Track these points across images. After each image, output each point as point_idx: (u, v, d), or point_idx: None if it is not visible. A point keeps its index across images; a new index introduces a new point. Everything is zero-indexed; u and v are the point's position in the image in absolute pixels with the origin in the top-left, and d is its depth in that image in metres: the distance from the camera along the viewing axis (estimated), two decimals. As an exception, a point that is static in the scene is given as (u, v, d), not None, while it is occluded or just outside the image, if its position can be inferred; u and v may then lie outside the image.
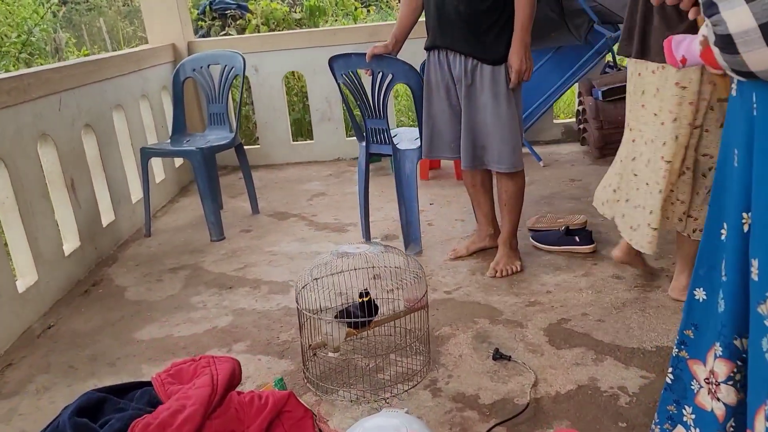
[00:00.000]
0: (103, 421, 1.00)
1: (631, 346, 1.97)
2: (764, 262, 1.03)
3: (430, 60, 2.54)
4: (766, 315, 1.03)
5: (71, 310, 2.62)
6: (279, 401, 1.05)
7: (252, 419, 1.02)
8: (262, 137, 4.76)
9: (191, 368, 1.14)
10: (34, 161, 2.68)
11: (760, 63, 0.91)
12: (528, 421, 1.67)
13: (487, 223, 2.79)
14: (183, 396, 1.01)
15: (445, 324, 2.21)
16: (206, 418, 0.99)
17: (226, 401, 1.04)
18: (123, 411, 1.03)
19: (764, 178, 1.01)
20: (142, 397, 1.09)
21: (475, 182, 2.73)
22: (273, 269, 2.84)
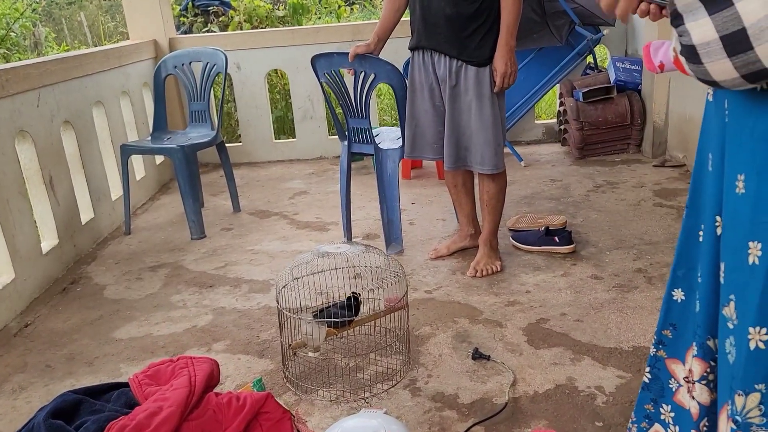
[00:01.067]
0: (78, 423, 0.99)
1: (608, 346, 2.00)
2: (729, 266, 1.06)
3: (415, 60, 2.53)
4: (728, 317, 1.06)
5: (49, 308, 2.59)
6: (257, 402, 1.05)
7: (230, 421, 1.01)
8: (244, 135, 4.74)
9: (169, 369, 1.14)
10: (12, 158, 2.64)
11: (722, 73, 0.94)
12: (506, 421, 1.69)
13: (468, 223, 2.81)
14: (160, 397, 1.01)
15: (426, 323, 2.22)
16: (184, 419, 0.99)
17: (204, 402, 1.04)
18: (99, 413, 1.02)
19: (732, 183, 1.04)
20: (119, 399, 1.08)
21: (456, 182, 2.75)
22: (254, 268, 2.83)
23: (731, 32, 0.90)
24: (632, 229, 2.93)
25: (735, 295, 1.05)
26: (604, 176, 3.74)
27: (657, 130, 3.98)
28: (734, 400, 1.03)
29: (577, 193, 3.51)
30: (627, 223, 3.01)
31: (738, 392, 1.02)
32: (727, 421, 1.07)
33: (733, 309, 1.06)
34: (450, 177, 2.76)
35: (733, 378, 1.05)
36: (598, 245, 2.78)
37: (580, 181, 3.70)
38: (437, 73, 2.48)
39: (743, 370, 1.00)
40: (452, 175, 2.73)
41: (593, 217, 3.12)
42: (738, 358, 1.04)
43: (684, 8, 0.95)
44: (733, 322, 1.06)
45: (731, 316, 1.06)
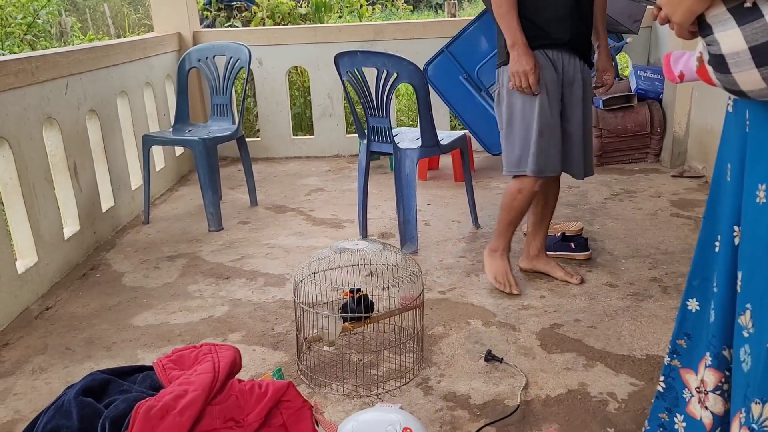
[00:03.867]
0: (107, 401, 1.02)
1: (621, 354, 2.01)
2: (747, 275, 1.07)
3: (542, 60, 2.22)
4: (743, 326, 1.07)
5: (69, 293, 2.64)
6: (278, 390, 1.07)
7: (252, 407, 1.04)
8: (263, 130, 4.78)
9: (192, 354, 1.16)
10: (39, 144, 2.69)
11: (750, 83, 0.95)
12: (517, 423, 1.70)
13: None
14: (185, 381, 1.03)
15: (439, 324, 2.24)
16: (207, 403, 1.02)
17: (227, 388, 1.06)
18: (127, 392, 1.05)
19: (752, 193, 1.05)
20: (144, 381, 1.11)
21: (547, 190, 2.50)
22: (270, 262, 2.86)
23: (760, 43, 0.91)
24: (648, 239, 2.93)
25: (752, 304, 1.06)
26: (621, 185, 3.74)
27: (677, 140, 3.96)
28: (750, 408, 1.04)
29: (594, 200, 3.50)
30: (643, 232, 3.01)
31: (755, 401, 1.03)
32: (740, 428, 1.07)
33: (749, 317, 1.07)
34: (541, 184, 2.40)
35: (748, 386, 1.06)
36: (614, 253, 2.79)
37: (598, 189, 3.69)
38: (564, 75, 2.27)
39: (761, 378, 1.01)
40: (545, 181, 2.42)
41: (610, 225, 3.12)
42: (755, 366, 1.05)
43: (713, 19, 0.97)
44: (749, 331, 1.07)
45: (747, 325, 1.07)
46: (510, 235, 2.52)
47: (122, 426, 0.95)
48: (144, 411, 0.94)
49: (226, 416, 1.01)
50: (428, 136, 2.84)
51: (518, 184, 2.38)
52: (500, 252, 2.51)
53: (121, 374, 1.13)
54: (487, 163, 4.38)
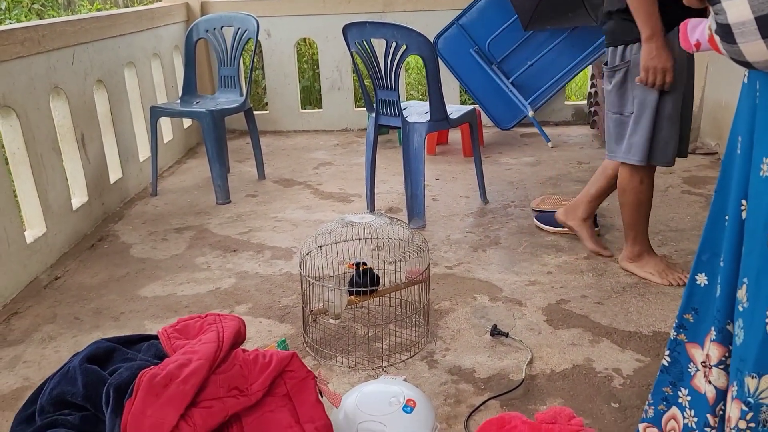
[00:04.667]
0: (112, 369, 1.03)
1: (628, 330, 2.00)
2: (747, 249, 1.05)
3: (672, 39, 1.99)
4: (740, 300, 1.06)
5: (77, 263, 2.65)
6: (282, 360, 1.07)
7: (255, 376, 1.04)
8: (271, 103, 4.75)
9: (197, 324, 1.17)
10: (46, 114, 2.68)
11: (755, 54, 0.93)
12: (522, 397, 1.70)
13: None
14: (189, 350, 1.04)
15: (445, 298, 2.24)
16: (211, 372, 1.02)
17: (231, 358, 1.07)
18: (131, 361, 1.05)
19: (757, 166, 1.03)
20: (149, 350, 1.12)
21: None
22: (277, 235, 2.86)
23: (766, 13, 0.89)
24: (658, 215, 2.90)
25: (748, 278, 1.05)
26: (632, 161, 3.69)
27: (690, 117, 3.90)
28: (743, 381, 1.04)
29: (604, 176, 3.46)
30: (653, 209, 2.92)
31: (751, 375, 1.03)
32: (732, 401, 1.07)
33: (744, 292, 1.06)
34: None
35: (742, 360, 1.05)
36: (622, 229, 2.75)
37: (608, 165, 3.65)
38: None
39: (757, 353, 1.01)
40: None
41: (619, 202, 3.08)
42: (747, 341, 1.04)
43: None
44: (744, 305, 1.06)
45: (742, 299, 1.06)
46: (647, 231, 2.34)
47: (126, 393, 0.96)
48: (148, 379, 0.95)
49: (230, 385, 1.01)
50: (437, 110, 2.81)
51: (639, 175, 2.21)
52: (646, 253, 2.33)
53: (126, 343, 1.13)
54: (497, 138, 4.34)
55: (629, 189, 2.26)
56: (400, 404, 1.20)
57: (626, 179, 2.26)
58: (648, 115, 2.12)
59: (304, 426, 1.01)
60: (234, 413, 1.00)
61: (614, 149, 2.25)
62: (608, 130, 2.28)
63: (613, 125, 2.24)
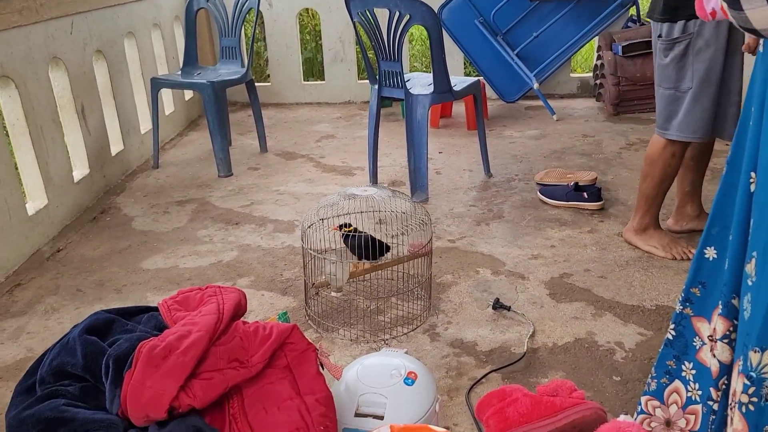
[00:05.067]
0: (111, 340, 1.02)
1: (631, 304, 1.99)
2: (756, 222, 1.03)
3: None
4: (748, 274, 1.05)
5: (80, 236, 2.65)
6: (283, 332, 1.07)
7: (256, 348, 1.04)
8: (273, 75, 4.70)
9: (198, 296, 1.16)
10: (45, 84, 2.66)
11: (762, 21, 0.90)
12: (524, 370, 1.70)
13: None
14: (189, 322, 1.03)
15: (447, 272, 2.23)
16: (211, 344, 1.01)
17: (231, 330, 1.06)
18: (131, 332, 1.05)
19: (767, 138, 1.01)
20: (149, 321, 1.11)
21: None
22: (279, 208, 2.85)
23: None
24: (663, 190, 2.87)
25: (757, 252, 1.03)
26: (638, 134, 3.65)
27: (697, 90, 3.84)
28: (748, 356, 1.03)
29: (609, 150, 3.44)
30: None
31: (755, 349, 1.02)
32: (739, 376, 1.07)
33: (753, 266, 1.04)
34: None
35: (747, 334, 1.05)
36: (627, 203, 2.74)
37: (613, 138, 3.62)
38: None
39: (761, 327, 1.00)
40: None
41: (624, 175, 3.06)
42: (754, 315, 1.03)
43: None
44: (752, 279, 1.04)
45: (751, 273, 1.05)
46: (660, 206, 2.31)
47: (125, 364, 0.95)
48: (147, 350, 0.94)
49: (230, 357, 1.00)
50: (441, 82, 2.77)
51: (674, 148, 2.17)
52: (653, 227, 2.31)
53: (126, 314, 1.13)
54: (501, 110, 4.29)
55: (660, 161, 2.20)
56: (401, 377, 1.20)
57: (659, 151, 2.20)
58: (710, 91, 2.04)
59: (305, 398, 1.01)
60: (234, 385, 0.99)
61: (666, 126, 2.16)
62: (659, 106, 2.19)
63: (665, 102, 2.15)
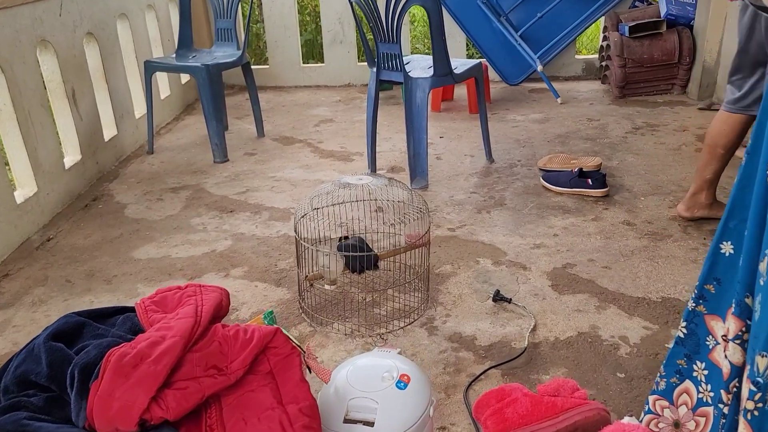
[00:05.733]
0: (79, 346, 0.96)
1: (636, 296, 1.92)
2: None
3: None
4: (761, 273, 0.98)
5: (71, 224, 2.59)
6: (265, 336, 1.00)
7: (236, 354, 0.97)
8: (272, 57, 4.60)
9: (176, 296, 1.09)
10: (33, 68, 2.58)
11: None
12: (524, 366, 1.64)
13: None
14: (164, 326, 0.96)
15: (447, 262, 2.16)
16: (187, 350, 0.95)
17: (210, 334, 0.99)
18: (102, 337, 0.98)
19: None
20: (124, 324, 1.04)
21: None
22: (275, 195, 2.78)
23: None
24: (670, 175, 2.79)
25: None
26: (644, 117, 3.56)
27: (706, 71, 3.74)
28: (755, 360, 0.96)
29: (615, 134, 3.35)
30: (665, 169, 2.87)
31: (762, 353, 0.95)
32: (745, 381, 1.00)
33: (766, 264, 0.97)
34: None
35: (755, 338, 0.98)
36: (632, 190, 2.66)
37: (619, 122, 3.53)
38: None
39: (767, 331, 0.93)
40: None
41: (630, 161, 2.98)
42: (763, 317, 0.96)
43: None
44: (764, 279, 0.97)
45: (763, 272, 0.98)
46: None
47: (93, 374, 0.89)
48: (116, 359, 0.88)
49: (207, 363, 0.94)
50: (441, 64, 2.68)
51: None
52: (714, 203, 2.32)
53: (100, 316, 1.06)
54: (504, 93, 4.20)
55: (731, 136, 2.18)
56: (393, 379, 1.14)
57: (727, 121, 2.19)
58: None
59: (287, 407, 0.94)
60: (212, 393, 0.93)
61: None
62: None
63: None
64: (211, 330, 1.00)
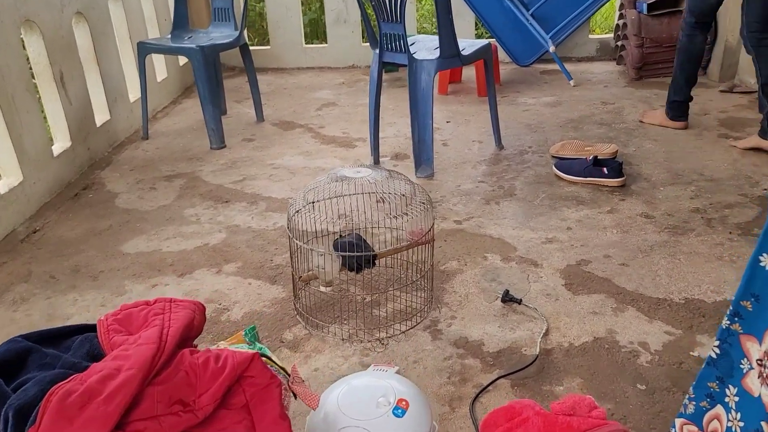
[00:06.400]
0: (20, 381, 0.83)
1: (656, 297, 1.78)
2: None
3: None
4: None
5: (59, 214, 2.47)
6: (240, 364, 0.87)
7: (205, 385, 0.84)
8: (273, 38, 4.44)
9: (142, 314, 0.96)
10: (17, 50, 2.44)
11: None
12: (536, 376, 1.51)
13: None
14: (121, 354, 0.83)
15: (453, 258, 2.03)
16: (146, 383, 0.82)
17: (176, 362, 0.86)
18: (49, 367, 0.85)
19: None
20: (82, 346, 0.91)
21: None
22: (273, 184, 2.65)
23: None
24: (691, 163, 2.64)
25: None
26: (662, 100, 3.36)
27: (728, 51, 3.55)
28: None
29: (631, 118, 3.18)
30: (685, 156, 2.71)
31: None
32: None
33: None
34: None
35: None
36: (650, 179, 2.51)
37: (635, 106, 3.36)
38: None
39: None
40: None
41: (647, 147, 2.82)
42: None
43: None
44: None
45: None
46: None
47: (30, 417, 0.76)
48: (58, 399, 0.75)
49: (171, 398, 0.81)
50: (448, 46, 2.52)
51: None
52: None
53: (55, 337, 0.93)
54: (515, 75, 4.02)
55: None
56: (389, 405, 1.01)
57: None
58: None
59: (263, 449, 0.82)
60: (175, 434, 0.81)
61: None
62: None
63: None
64: (178, 357, 0.87)
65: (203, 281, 1.97)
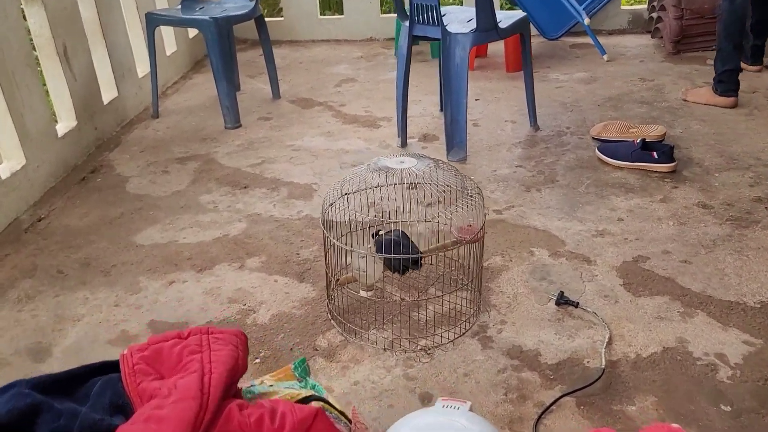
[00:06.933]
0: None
1: (727, 299, 1.61)
2: None
3: None
4: None
5: (65, 200, 2.30)
6: (300, 423, 0.71)
7: (260, 451, 0.69)
8: (287, 8, 4.21)
9: (176, 350, 0.79)
10: (17, 22, 2.24)
11: None
12: (603, 393, 1.35)
13: None
14: (154, 415, 0.66)
15: (496, 252, 1.86)
16: (187, 455, 0.67)
17: (222, 420, 0.70)
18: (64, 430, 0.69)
19: None
20: (103, 393, 0.74)
21: None
22: (294, 168, 2.47)
23: None
24: (745, 145, 2.44)
25: None
26: (704, 77, 3.16)
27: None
28: None
29: (673, 96, 2.97)
30: (738, 138, 2.51)
31: None
32: None
33: None
34: None
35: None
36: (703, 164, 2.32)
37: (676, 82, 3.14)
38: None
39: None
40: None
41: (695, 128, 2.62)
42: None
43: None
44: None
45: None
46: None
47: None
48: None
49: (218, 470, 0.66)
50: (485, 17, 2.31)
51: None
52: None
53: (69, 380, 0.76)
54: (542, 49, 3.80)
55: None
56: (467, 454, 0.85)
57: None
58: None
59: None
60: None
61: None
62: None
63: None
64: (224, 414, 0.70)
65: (224, 278, 1.80)
